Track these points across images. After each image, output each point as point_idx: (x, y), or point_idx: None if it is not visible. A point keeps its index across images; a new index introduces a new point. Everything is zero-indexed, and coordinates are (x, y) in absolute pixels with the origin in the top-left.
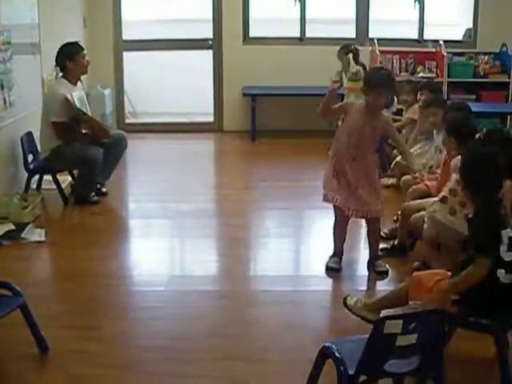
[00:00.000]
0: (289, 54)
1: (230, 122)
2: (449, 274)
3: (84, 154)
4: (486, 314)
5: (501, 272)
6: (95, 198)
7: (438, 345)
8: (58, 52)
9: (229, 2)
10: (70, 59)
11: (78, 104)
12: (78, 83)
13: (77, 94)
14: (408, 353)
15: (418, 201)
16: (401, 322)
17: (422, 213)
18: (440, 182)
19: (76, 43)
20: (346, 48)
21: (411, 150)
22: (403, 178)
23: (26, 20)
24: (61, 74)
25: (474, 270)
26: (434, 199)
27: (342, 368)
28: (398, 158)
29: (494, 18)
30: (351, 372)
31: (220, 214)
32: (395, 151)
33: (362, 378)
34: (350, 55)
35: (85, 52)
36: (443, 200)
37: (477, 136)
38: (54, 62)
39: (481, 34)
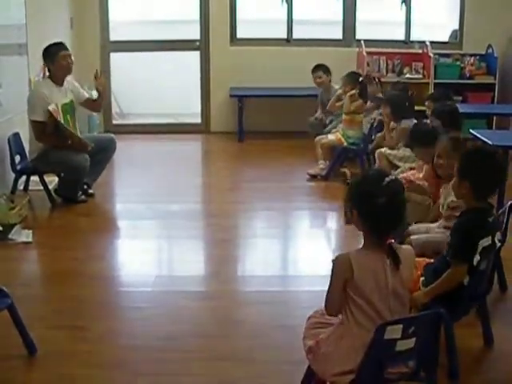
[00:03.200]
0: (276, 55)
1: (218, 122)
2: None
3: (70, 161)
4: (443, 304)
5: (466, 278)
6: (83, 197)
7: (434, 347)
8: (42, 53)
9: (216, 3)
10: (49, 60)
11: (60, 113)
12: (66, 85)
13: (62, 101)
14: (406, 357)
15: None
16: (401, 326)
17: None
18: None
19: (59, 43)
20: (357, 77)
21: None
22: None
23: (12, 20)
24: (47, 74)
25: (452, 276)
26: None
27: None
28: (383, 150)
29: (479, 19)
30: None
31: (207, 215)
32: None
33: None
34: (357, 89)
35: (66, 53)
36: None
37: None
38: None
39: (467, 35)
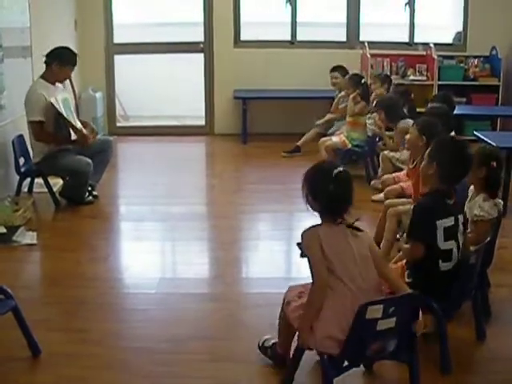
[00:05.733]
0: (280, 57)
1: (222, 125)
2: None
3: (73, 166)
4: (434, 298)
5: (439, 261)
6: (90, 198)
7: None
8: (54, 49)
9: (220, 5)
10: (59, 62)
11: (61, 106)
12: (58, 84)
13: (61, 97)
14: (387, 336)
15: (401, 200)
16: (381, 306)
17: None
18: (415, 188)
19: (75, 55)
20: (358, 79)
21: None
22: (383, 177)
23: (17, 23)
24: (41, 74)
25: (408, 252)
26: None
27: (324, 355)
28: (387, 152)
29: (483, 21)
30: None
31: (211, 217)
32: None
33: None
34: (359, 89)
35: (74, 68)
36: None
37: None
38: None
39: (471, 37)
